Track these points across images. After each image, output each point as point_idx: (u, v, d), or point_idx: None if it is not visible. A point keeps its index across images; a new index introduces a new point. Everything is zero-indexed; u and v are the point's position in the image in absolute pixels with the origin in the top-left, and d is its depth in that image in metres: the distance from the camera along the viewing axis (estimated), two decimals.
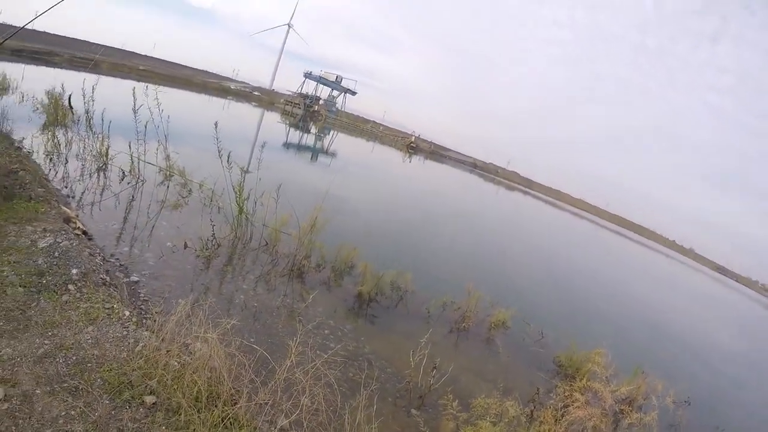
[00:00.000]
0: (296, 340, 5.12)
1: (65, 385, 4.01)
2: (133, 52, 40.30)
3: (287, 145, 31.68)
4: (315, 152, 34.32)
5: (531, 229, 35.65)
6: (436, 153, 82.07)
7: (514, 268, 18.42)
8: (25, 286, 5.10)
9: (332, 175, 24.60)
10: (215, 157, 9.94)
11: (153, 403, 4.13)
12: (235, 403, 4.30)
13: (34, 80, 14.13)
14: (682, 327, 19.93)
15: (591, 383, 7.71)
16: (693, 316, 25.11)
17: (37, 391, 3.85)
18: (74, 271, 5.74)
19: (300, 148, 33.50)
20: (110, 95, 13.34)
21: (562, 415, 6.57)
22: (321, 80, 71.05)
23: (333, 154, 37.14)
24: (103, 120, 11.22)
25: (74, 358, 4.33)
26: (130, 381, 4.23)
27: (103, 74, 24.57)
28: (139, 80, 20.27)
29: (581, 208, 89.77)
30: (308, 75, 70.03)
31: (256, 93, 59.92)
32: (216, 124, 9.81)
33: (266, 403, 4.54)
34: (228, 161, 9.85)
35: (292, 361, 4.87)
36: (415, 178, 44.07)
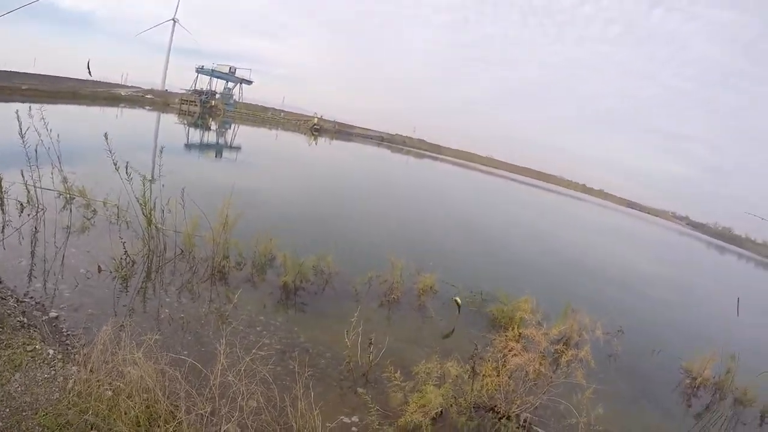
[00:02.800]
0: (222, 342, 5.24)
1: None
2: (12, 72, 37.48)
3: (189, 146, 30.92)
4: (218, 149, 33.70)
5: (445, 193, 36.52)
6: (342, 132, 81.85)
7: (433, 233, 18.98)
8: None
9: (238, 169, 24.33)
10: (113, 170, 9.64)
11: None
12: (175, 419, 4.36)
13: None
14: (605, 263, 21.09)
15: (524, 330, 8.09)
16: (613, 250, 26.42)
17: None
18: None
19: (202, 147, 32.78)
20: None
21: (503, 365, 6.90)
22: (214, 73, 69.08)
23: (237, 148, 36.54)
24: None
25: (7, 410, 4.32)
26: (68, 420, 4.26)
27: None
28: (24, 101, 19.09)
29: (491, 165, 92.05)
30: (200, 70, 67.98)
31: (149, 96, 57.57)
32: (106, 135, 9.43)
33: (206, 413, 4.62)
34: (127, 173, 9.57)
35: (222, 364, 4.96)
36: (323, 159, 44.07)
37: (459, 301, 10.14)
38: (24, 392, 4.55)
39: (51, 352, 5.33)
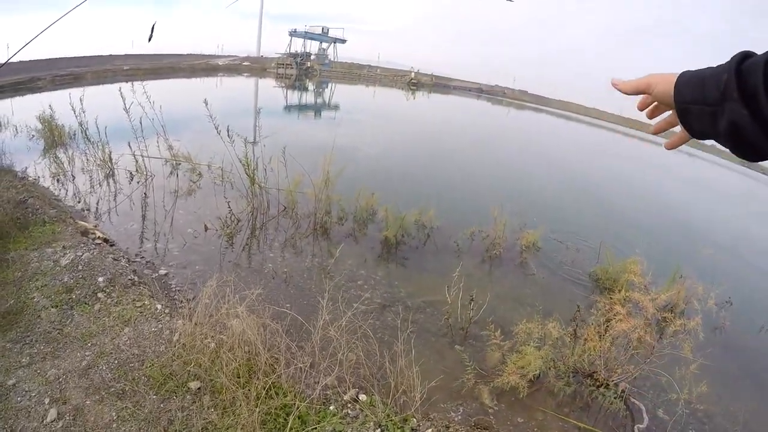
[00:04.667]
0: (326, 296, 5.18)
1: (112, 390, 4.16)
2: (113, 55, 39.09)
3: (288, 108, 31.27)
4: (317, 109, 33.85)
5: (547, 146, 34.92)
6: (439, 85, 79.35)
7: (537, 188, 18.09)
8: (57, 306, 5.24)
9: (338, 127, 24.39)
10: (215, 135, 9.87)
11: (198, 388, 4.26)
12: (275, 372, 4.39)
13: (23, 110, 13.96)
14: (717, 227, 19.35)
15: (630, 294, 7.60)
16: (726, 215, 24.37)
17: (87, 402, 4.00)
18: (100, 279, 5.86)
19: (301, 107, 33.07)
20: (100, 102, 13.19)
21: (605, 330, 6.54)
22: (307, 35, 68.74)
23: (335, 107, 36.43)
24: (98, 128, 11.21)
25: (116, 362, 4.47)
26: (172, 371, 4.36)
27: (89, 85, 24.16)
28: (126, 80, 19.89)
29: (596, 117, 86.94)
30: (293, 33, 67.78)
31: (245, 63, 58.56)
32: (206, 101, 9.65)
33: (305, 366, 4.63)
34: (229, 136, 9.77)
35: (324, 318, 4.93)
36: (422, 113, 43.26)
37: None
38: (132, 345, 4.71)
39: (159, 307, 5.51)
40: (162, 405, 4.04)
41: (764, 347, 8.76)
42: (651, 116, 1.36)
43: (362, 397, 4.70)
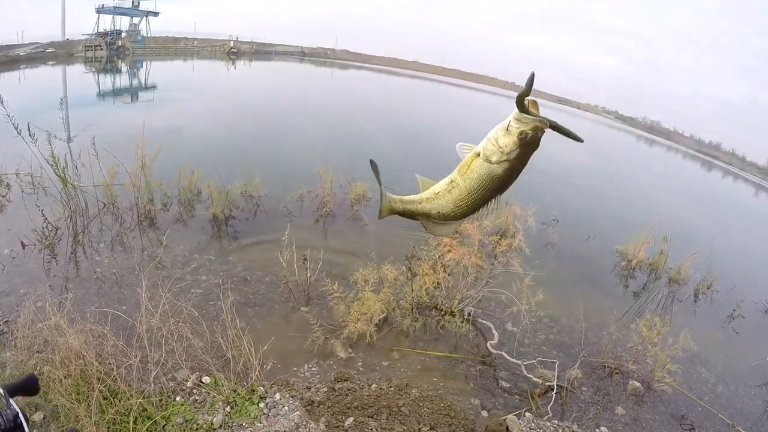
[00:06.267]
0: (143, 285, 5.15)
1: None
2: None
3: (102, 95, 29.32)
4: (133, 91, 32.10)
5: (371, 101, 35.74)
6: (261, 51, 77.68)
7: (364, 140, 18.77)
8: None
9: (156, 108, 23.34)
10: (17, 137, 9.03)
11: (43, 418, 4.23)
12: (110, 376, 4.37)
13: None
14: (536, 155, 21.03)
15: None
16: (543, 144, 26.34)
17: None
18: None
19: (116, 92, 31.07)
20: None
21: (439, 262, 7.12)
22: (116, 10, 62.30)
23: (153, 87, 34.78)
24: None
25: None
26: None
27: None
28: None
29: (418, 69, 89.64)
30: (101, 9, 61.44)
31: (50, 50, 53.53)
32: (1, 99, 8.72)
33: (135, 362, 4.67)
34: (30, 134, 9.01)
35: (147, 307, 4.97)
36: (243, 83, 42.37)
37: None
38: None
39: None
40: None
41: (593, 253, 10.30)
42: None
43: (206, 379, 4.90)
